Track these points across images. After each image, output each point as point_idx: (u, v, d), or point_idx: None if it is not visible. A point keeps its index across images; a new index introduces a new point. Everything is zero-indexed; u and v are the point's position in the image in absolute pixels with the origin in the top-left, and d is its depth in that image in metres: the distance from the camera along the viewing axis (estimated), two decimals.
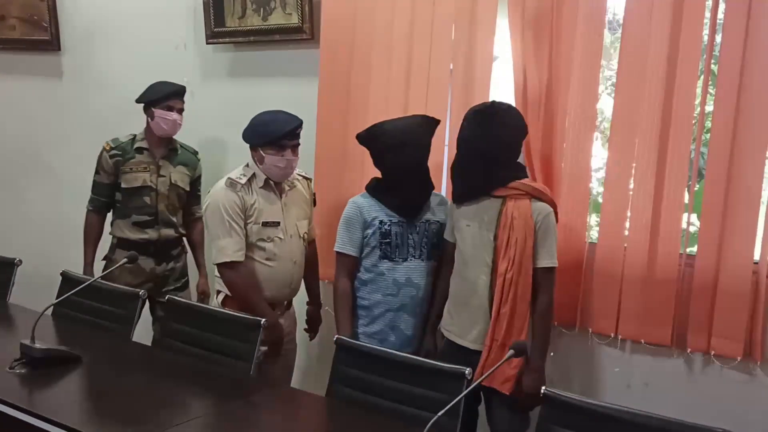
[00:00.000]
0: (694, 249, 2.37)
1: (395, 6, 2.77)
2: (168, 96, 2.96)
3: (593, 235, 2.65)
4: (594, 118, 2.50)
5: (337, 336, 2.23)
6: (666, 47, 2.31)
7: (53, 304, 2.34)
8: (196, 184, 3.16)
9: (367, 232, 2.44)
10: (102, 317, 2.61)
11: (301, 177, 2.72)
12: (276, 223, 2.55)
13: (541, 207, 2.24)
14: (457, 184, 2.34)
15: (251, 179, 2.54)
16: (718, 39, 2.29)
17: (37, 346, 2.09)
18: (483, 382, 1.89)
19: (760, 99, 2.19)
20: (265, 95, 3.21)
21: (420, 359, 2.13)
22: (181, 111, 3.00)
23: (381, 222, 2.43)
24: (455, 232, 2.37)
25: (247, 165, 2.57)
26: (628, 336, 2.43)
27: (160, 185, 3.01)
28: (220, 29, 3.28)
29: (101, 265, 3.05)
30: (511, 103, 2.40)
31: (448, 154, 2.66)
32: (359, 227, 2.44)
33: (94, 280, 2.46)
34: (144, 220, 3.00)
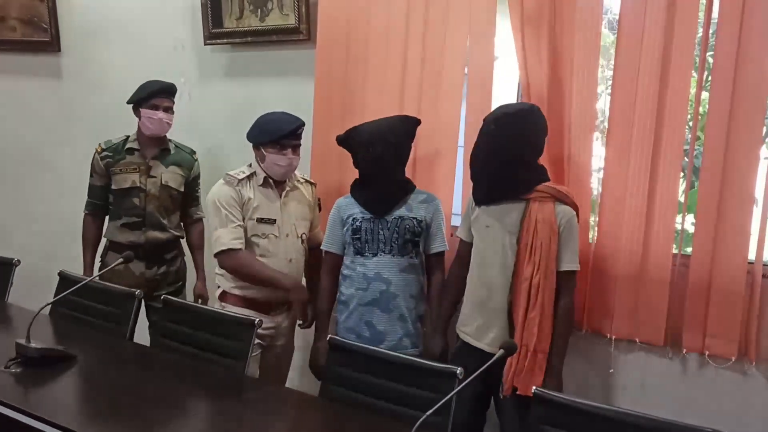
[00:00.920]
0: (688, 249, 2.36)
1: (391, 7, 2.77)
2: (152, 94, 2.89)
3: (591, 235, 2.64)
4: (594, 117, 2.49)
5: (330, 336, 2.24)
6: (660, 46, 2.31)
7: (48, 304, 2.35)
8: (192, 184, 3.10)
9: (344, 229, 2.50)
10: (98, 317, 2.61)
11: (305, 181, 2.74)
12: (272, 221, 2.57)
13: (565, 210, 2.23)
14: (481, 185, 2.31)
15: (251, 176, 2.59)
16: (712, 40, 2.29)
17: (33, 345, 2.10)
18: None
19: (754, 98, 2.19)
20: (263, 95, 3.24)
21: (412, 359, 2.12)
22: (168, 109, 2.93)
23: (354, 219, 2.48)
24: (473, 232, 2.36)
25: (250, 164, 2.63)
26: (622, 336, 2.43)
27: (149, 186, 2.94)
28: (217, 30, 3.29)
29: (98, 267, 3.02)
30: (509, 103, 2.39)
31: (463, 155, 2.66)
32: (339, 225, 2.52)
33: (89, 279, 2.47)
34: (132, 221, 2.94)
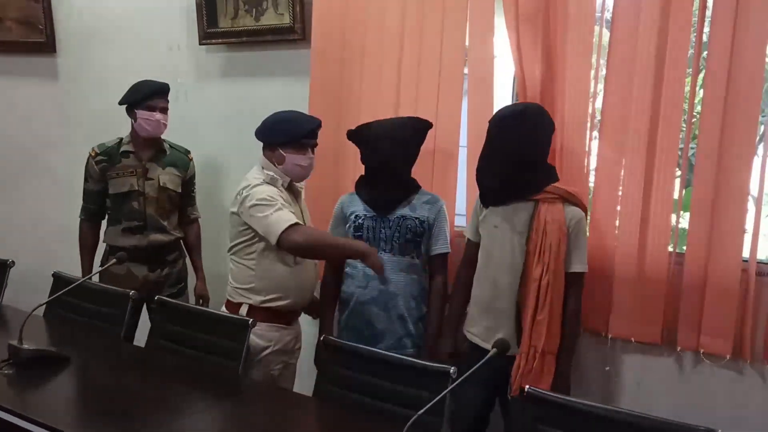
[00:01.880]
0: (684, 248, 2.36)
1: (386, 5, 2.76)
2: (149, 95, 2.84)
3: None
4: (587, 115, 2.47)
5: (324, 336, 2.23)
6: (654, 44, 2.30)
7: (41, 305, 2.34)
8: (189, 184, 3.07)
9: (347, 226, 2.49)
10: (93, 318, 2.61)
11: None
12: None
13: (574, 211, 2.22)
14: (490, 186, 2.27)
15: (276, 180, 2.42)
16: (705, 38, 2.28)
17: (25, 346, 2.09)
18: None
19: (748, 97, 2.18)
20: (258, 95, 3.23)
21: (405, 358, 2.12)
22: (165, 110, 2.90)
23: (356, 216, 2.47)
24: (481, 231, 2.34)
25: (262, 167, 2.44)
26: (618, 335, 2.42)
27: (148, 189, 2.91)
28: (213, 30, 3.28)
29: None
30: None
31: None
32: (342, 222, 2.51)
33: (83, 280, 2.46)
34: (133, 225, 2.91)
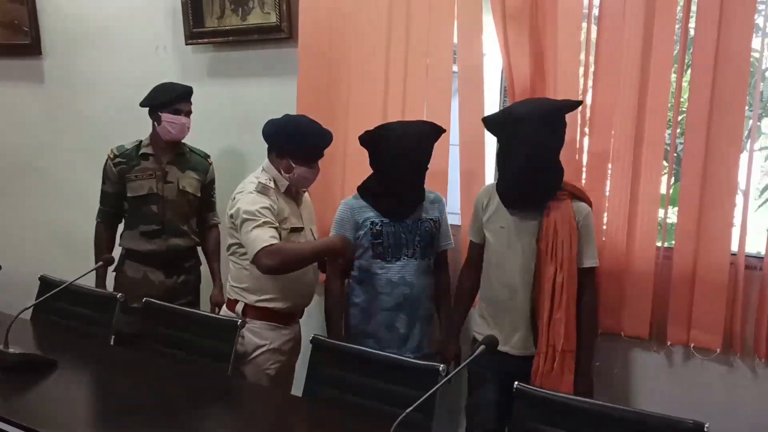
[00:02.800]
0: (672, 242, 2.36)
1: (373, 3, 2.75)
2: (176, 99, 2.82)
3: None
4: (576, 112, 2.44)
5: (314, 335, 2.21)
6: (640, 40, 2.30)
7: (27, 308, 2.31)
8: (208, 189, 3.00)
9: (359, 233, 2.42)
10: (80, 322, 2.59)
11: None
12: (300, 229, 2.45)
13: (582, 207, 2.21)
14: (514, 190, 2.21)
15: (275, 185, 2.40)
16: (692, 33, 2.28)
17: (11, 351, 2.08)
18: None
19: (734, 91, 2.18)
20: (245, 95, 3.22)
21: (395, 356, 2.11)
22: (189, 113, 2.87)
23: (372, 223, 2.41)
24: (486, 232, 2.30)
25: (263, 169, 2.43)
26: (607, 330, 2.42)
27: (167, 192, 2.85)
28: (199, 29, 3.26)
29: (113, 277, 2.93)
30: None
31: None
32: (351, 228, 2.43)
33: (69, 283, 2.42)
34: (151, 229, 2.84)
